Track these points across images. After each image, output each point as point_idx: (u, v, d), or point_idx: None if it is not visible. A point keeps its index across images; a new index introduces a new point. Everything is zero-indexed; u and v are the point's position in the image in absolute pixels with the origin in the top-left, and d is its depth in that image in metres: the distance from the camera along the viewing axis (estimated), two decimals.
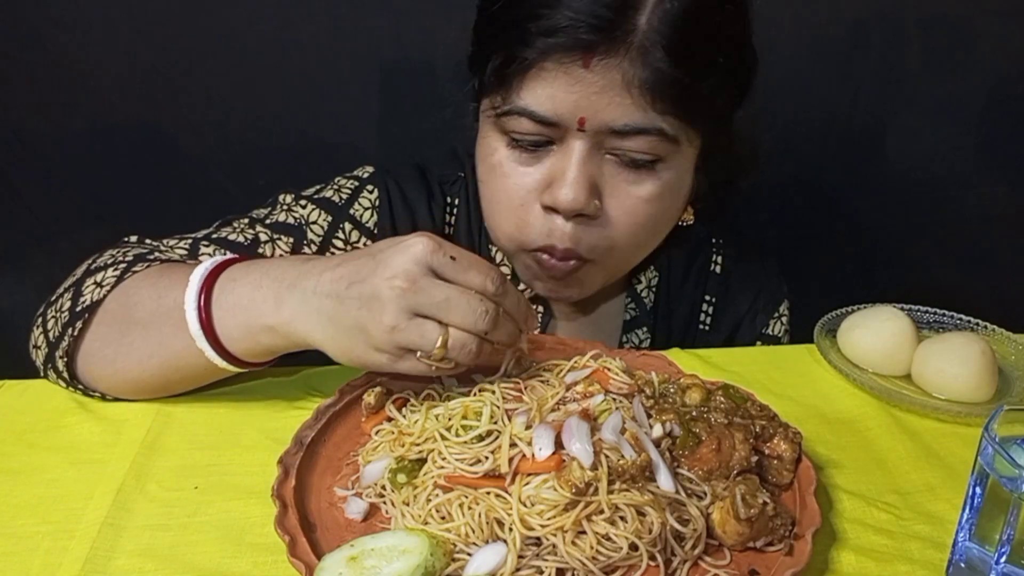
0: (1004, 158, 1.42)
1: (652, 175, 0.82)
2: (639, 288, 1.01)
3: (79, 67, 1.20)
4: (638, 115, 0.77)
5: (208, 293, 0.70)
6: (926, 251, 1.50)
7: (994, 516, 0.57)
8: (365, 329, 0.63)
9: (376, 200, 0.95)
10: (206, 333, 0.69)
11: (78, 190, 1.28)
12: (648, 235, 0.88)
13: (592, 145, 0.80)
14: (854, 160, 1.43)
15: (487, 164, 0.86)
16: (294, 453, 0.66)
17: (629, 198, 0.83)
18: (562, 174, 0.80)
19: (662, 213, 0.87)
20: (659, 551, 0.58)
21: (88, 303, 0.76)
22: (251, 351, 0.71)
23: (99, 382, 0.77)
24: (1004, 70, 1.35)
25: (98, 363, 0.76)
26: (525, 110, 0.79)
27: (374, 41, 1.24)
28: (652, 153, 0.80)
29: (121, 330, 0.75)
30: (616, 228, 0.84)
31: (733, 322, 1.05)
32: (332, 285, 0.64)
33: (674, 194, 0.87)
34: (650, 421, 0.67)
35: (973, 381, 0.84)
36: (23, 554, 0.60)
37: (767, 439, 0.67)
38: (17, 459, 0.70)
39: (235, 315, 0.69)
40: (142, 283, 0.76)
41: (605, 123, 0.78)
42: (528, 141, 0.81)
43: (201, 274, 0.71)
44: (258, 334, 0.69)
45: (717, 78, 0.79)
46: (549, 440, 0.60)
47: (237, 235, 0.88)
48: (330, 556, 0.54)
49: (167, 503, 0.65)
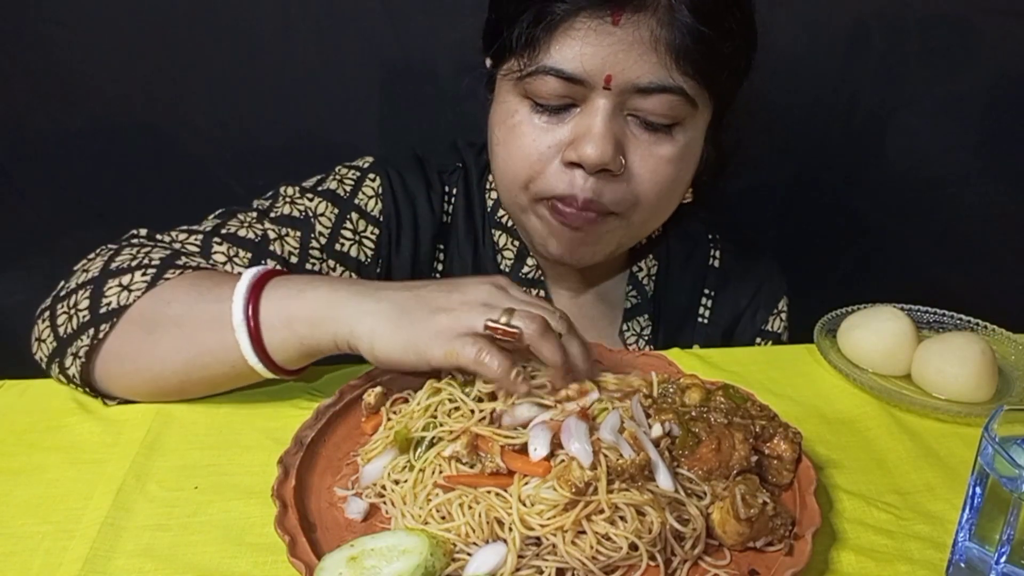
0: (1004, 158, 1.42)
1: (670, 138, 0.84)
2: (640, 275, 1.02)
3: (81, 66, 1.21)
4: (663, 73, 0.79)
5: (260, 287, 0.72)
6: (926, 251, 1.50)
7: (994, 516, 0.57)
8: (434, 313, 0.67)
9: (379, 188, 0.96)
10: (247, 324, 0.70)
11: (80, 188, 1.28)
12: (668, 196, 0.89)
13: (616, 104, 0.81)
14: (854, 160, 1.43)
15: (506, 126, 0.86)
16: (294, 453, 0.66)
17: (652, 157, 0.84)
18: (588, 130, 0.81)
19: (681, 175, 0.88)
20: (659, 551, 0.58)
21: (115, 306, 0.75)
22: (283, 344, 0.71)
23: (114, 380, 0.76)
24: (1004, 69, 1.35)
25: (117, 361, 0.75)
26: (553, 68, 0.79)
27: (374, 41, 1.24)
28: (671, 115, 0.82)
29: (148, 328, 0.74)
30: (641, 185, 0.85)
31: (732, 316, 1.06)
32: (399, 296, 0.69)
33: (691, 157, 0.88)
34: (649, 421, 0.67)
35: (973, 381, 0.84)
36: (23, 554, 0.60)
37: (767, 439, 0.67)
38: (17, 459, 0.70)
39: (281, 304, 0.71)
40: (177, 287, 0.76)
41: (631, 81, 0.79)
42: (552, 104, 0.82)
43: (255, 271, 0.73)
44: (296, 323, 0.70)
45: (733, 45, 0.82)
46: (545, 440, 0.60)
47: (247, 231, 0.88)
48: (330, 556, 0.54)
49: (167, 503, 0.65)
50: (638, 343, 1.01)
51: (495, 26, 0.86)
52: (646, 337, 1.01)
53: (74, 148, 1.26)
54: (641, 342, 1.01)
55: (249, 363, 0.72)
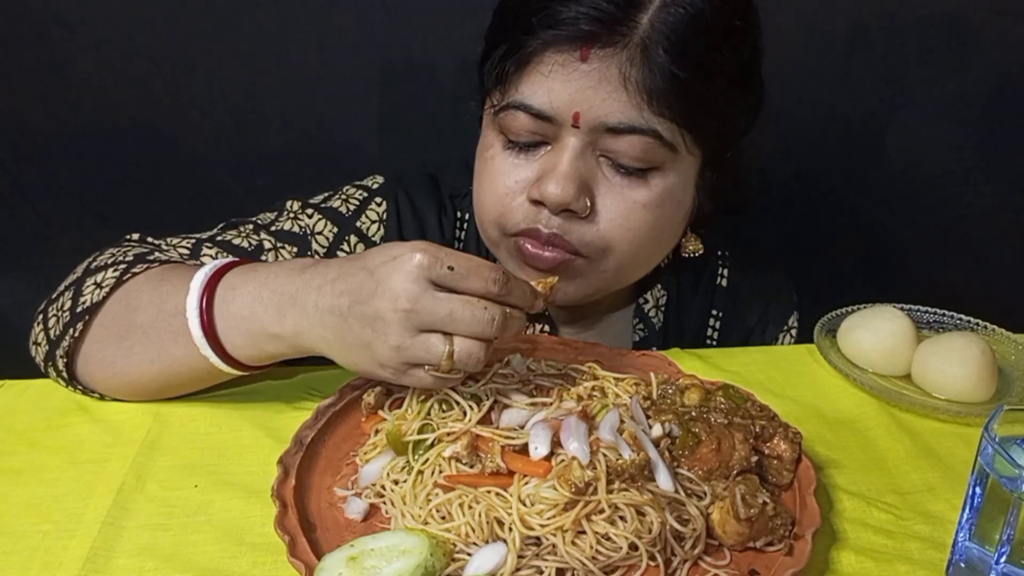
0: (1004, 158, 1.42)
1: (645, 183, 0.80)
2: (647, 308, 0.99)
3: (83, 66, 1.21)
4: (633, 113, 0.76)
5: (210, 300, 0.70)
6: (926, 251, 1.50)
7: (994, 516, 0.57)
8: (370, 347, 0.63)
9: (384, 213, 0.94)
10: (209, 340, 0.70)
11: (80, 188, 1.28)
12: (647, 244, 0.84)
13: (586, 144, 0.79)
14: (854, 160, 1.43)
15: (482, 159, 0.86)
16: (294, 453, 0.66)
17: (624, 201, 0.80)
18: (553, 168, 0.79)
19: (661, 222, 0.83)
20: (659, 551, 0.58)
21: (88, 304, 0.76)
22: (256, 357, 0.72)
23: (98, 383, 0.78)
24: (1004, 69, 1.35)
25: (97, 365, 0.76)
26: (522, 103, 0.78)
27: (374, 41, 1.24)
28: (645, 159, 0.79)
29: (121, 334, 0.75)
30: (611, 230, 0.81)
31: (742, 335, 1.04)
32: (334, 301, 0.64)
33: (674, 205, 0.84)
34: (649, 421, 0.67)
35: (973, 381, 0.84)
36: (23, 554, 0.60)
37: (767, 439, 0.67)
38: (17, 459, 0.70)
39: (238, 325, 0.70)
40: (143, 286, 0.76)
41: (599, 119, 0.77)
42: (523, 140, 0.81)
43: (201, 280, 0.71)
44: (263, 343, 0.70)
45: (719, 92, 0.79)
46: (546, 439, 0.60)
47: (241, 240, 0.88)
48: (330, 556, 0.54)
49: (167, 503, 0.65)
50: None
51: (481, 60, 0.86)
52: None
53: (75, 148, 1.26)
54: None
55: (223, 370, 0.72)
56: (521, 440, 0.61)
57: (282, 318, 0.68)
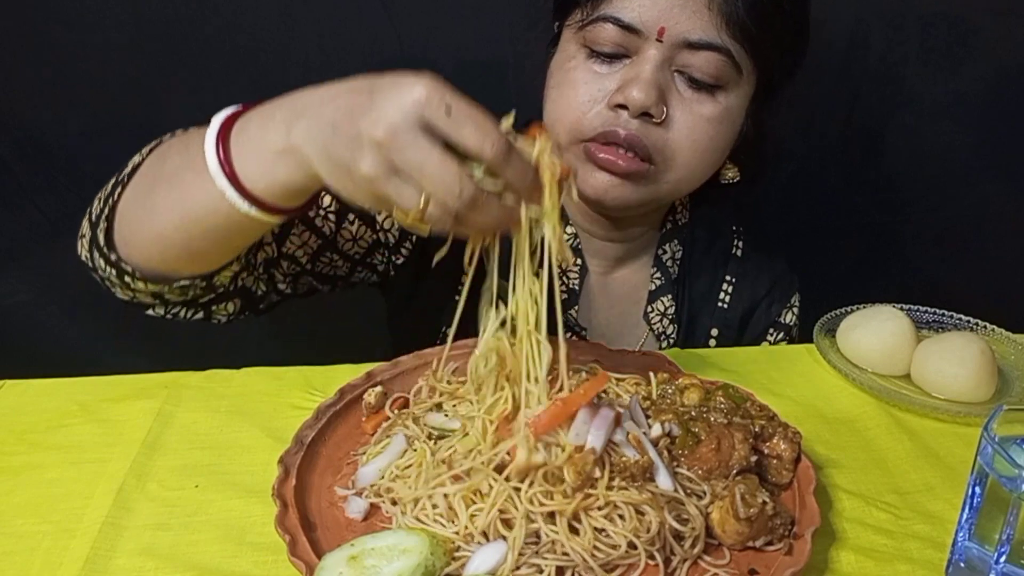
0: (1004, 157, 1.42)
1: (712, 99, 0.88)
2: (664, 258, 1.06)
3: (85, 65, 1.21)
4: (712, 32, 0.85)
5: (227, 133, 0.68)
6: (926, 251, 1.50)
7: (994, 516, 0.57)
8: (348, 170, 0.59)
9: None
10: (225, 172, 0.67)
11: (82, 187, 1.28)
12: (703, 157, 0.92)
13: (665, 58, 0.86)
14: (853, 160, 1.43)
15: (563, 70, 0.91)
16: (295, 452, 0.66)
17: (692, 114, 0.88)
18: (636, 76, 0.86)
19: (718, 138, 0.91)
20: (658, 550, 0.58)
21: (128, 171, 0.76)
22: (269, 187, 0.67)
23: (131, 247, 0.75)
24: (1003, 69, 1.35)
25: (129, 224, 0.75)
26: (611, 16, 0.86)
27: (374, 41, 1.24)
28: (716, 76, 0.87)
29: (150, 187, 0.74)
30: (679, 138, 0.88)
31: (750, 304, 1.09)
32: (332, 113, 0.61)
33: (730, 124, 0.92)
34: (649, 421, 0.67)
35: (972, 381, 0.84)
36: (23, 554, 0.60)
37: (767, 439, 0.67)
38: (18, 459, 0.70)
39: (249, 147, 0.67)
40: (174, 141, 0.76)
41: (682, 34, 0.84)
42: (607, 51, 0.87)
43: (225, 114, 0.69)
44: (273, 163, 0.66)
45: (786, 25, 0.88)
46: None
47: None
48: (330, 555, 0.55)
49: (168, 502, 0.66)
50: (662, 322, 1.05)
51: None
52: (670, 316, 1.05)
53: (76, 148, 1.26)
54: (665, 320, 1.05)
55: (241, 210, 0.67)
56: None
57: (289, 129, 0.64)
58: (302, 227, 0.87)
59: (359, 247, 0.92)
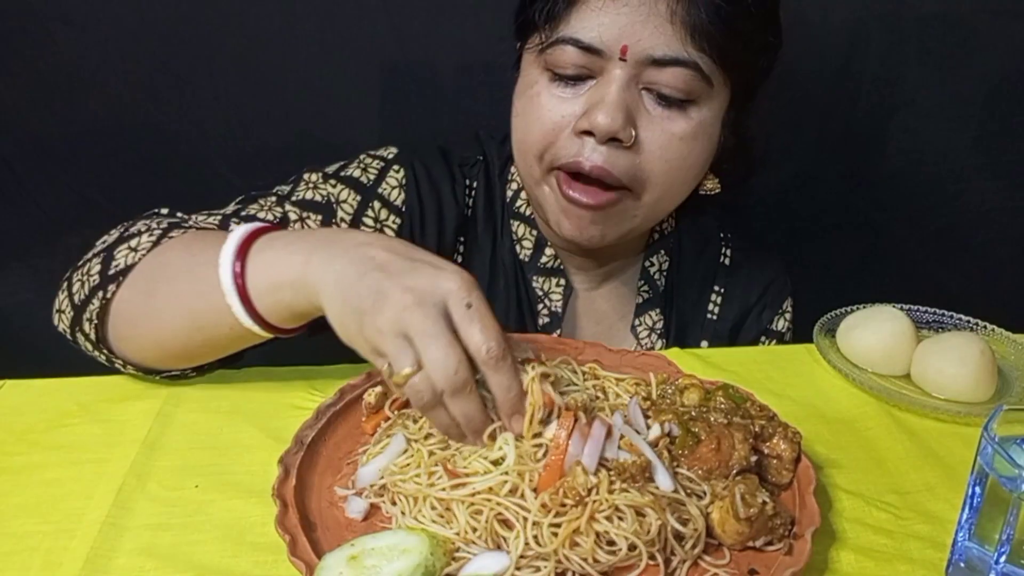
0: (1003, 157, 1.42)
1: (684, 115, 0.85)
2: (652, 270, 1.04)
3: (85, 64, 1.21)
4: (677, 46, 0.81)
5: (245, 251, 0.70)
6: (926, 251, 1.50)
7: (994, 516, 0.57)
8: (361, 317, 0.62)
9: (403, 179, 0.96)
10: (237, 288, 0.69)
11: (83, 187, 1.28)
12: (680, 175, 0.89)
13: (631, 76, 0.83)
14: (854, 160, 1.43)
15: (526, 96, 0.88)
16: (295, 452, 0.66)
17: (664, 133, 0.85)
18: (601, 99, 0.83)
19: (694, 155, 0.88)
20: (658, 550, 0.58)
21: (122, 267, 0.76)
22: (273, 308, 0.70)
23: (125, 343, 0.77)
24: (1003, 69, 1.35)
25: (124, 323, 0.76)
26: (571, 38, 0.83)
27: (374, 41, 1.24)
28: (685, 90, 0.84)
29: (149, 289, 0.75)
30: (651, 161, 0.86)
31: (740, 313, 1.07)
32: (362, 259, 0.64)
33: (705, 139, 0.89)
34: (648, 422, 0.67)
35: (972, 381, 0.84)
36: (23, 554, 0.60)
37: (766, 439, 0.67)
38: (18, 459, 0.70)
39: (266, 269, 0.69)
40: (176, 246, 0.76)
41: (645, 51, 0.81)
42: (569, 74, 0.85)
43: (242, 232, 0.71)
44: (282, 289, 0.69)
45: (754, 29, 0.85)
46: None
47: (265, 213, 0.89)
48: (331, 555, 0.55)
49: (168, 502, 0.66)
50: (650, 336, 1.03)
51: (523, 4, 0.89)
52: (658, 331, 1.03)
53: (78, 146, 1.26)
54: (653, 335, 1.03)
55: (245, 326, 0.71)
56: None
57: (309, 257, 0.67)
58: None
59: None
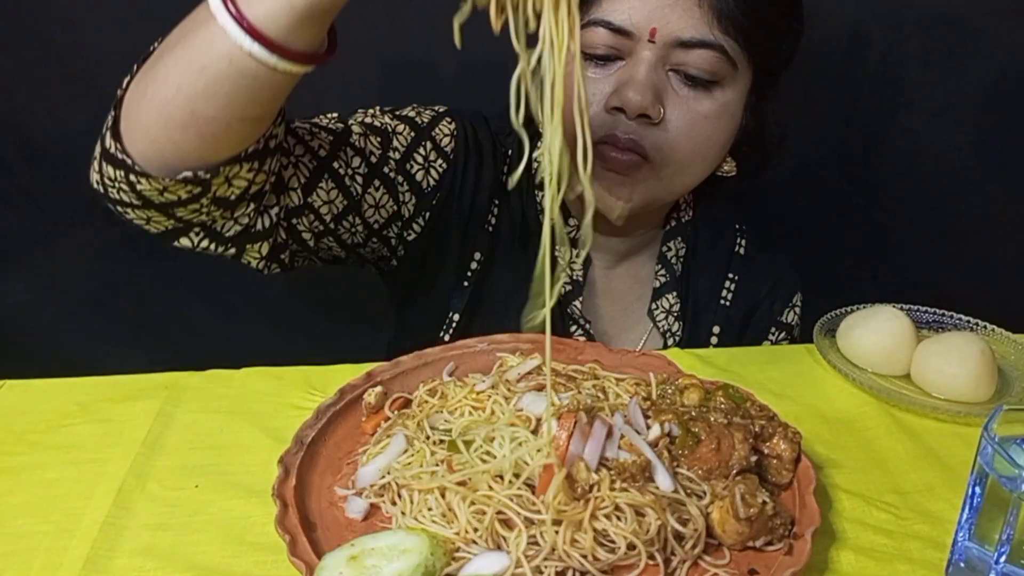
0: (1004, 158, 1.42)
1: (709, 95, 0.89)
2: (668, 255, 1.07)
3: (86, 65, 1.20)
4: (704, 29, 0.86)
5: None
6: (926, 251, 1.50)
7: (994, 516, 0.57)
8: None
9: (454, 130, 0.98)
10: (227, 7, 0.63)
11: (84, 188, 1.28)
12: (702, 153, 0.93)
13: (659, 58, 0.87)
14: (854, 160, 1.43)
15: None
16: (295, 452, 0.66)
17: (690, 112, 0.89)
18: (631, 78, 0.87)
19: (717, 134, 0.93)
20: (658, 550, 0.58)
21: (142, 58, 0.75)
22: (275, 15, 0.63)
23: (134, 126, 0.72)
24: (1003, 70, 1.35)
25: (133, 99, 0.72)
26: (602, 20, 0.87)
27: (374, 39, 1.24)
28: (712, 72, 0.88)
29: (155, 59, 0.72)
30: (677, 137, 0.89)
31: (753, 303, 1.09)
32: None
33: (728, 119, 0.93)
34: (648, 422, 0.67)
35: (972, 381, 0.84)
36: (23, 554, 0.60)
37: (766, 439, 0.67)
38: (18, 459, 0.70)
39: None
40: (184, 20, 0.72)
41: (674, 34, 0.85)
42: (599, 54, 0.88)
43: None
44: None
45: (778, 15, 0.90)
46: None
47: (328, 122, 0.90)
48: (331, 555, 0.55)
49: (168, 502, 0.66)
50: (667, 319, 1.05)
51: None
52: (675, 314, 1.05)
53: (79, 147, 1.26)
54: (671, 318, 1.05)
55: (244, 48, 0.64)
56: None
57: None
58: (331, 183, 0.87)
59: (379, 216, 0.93)
